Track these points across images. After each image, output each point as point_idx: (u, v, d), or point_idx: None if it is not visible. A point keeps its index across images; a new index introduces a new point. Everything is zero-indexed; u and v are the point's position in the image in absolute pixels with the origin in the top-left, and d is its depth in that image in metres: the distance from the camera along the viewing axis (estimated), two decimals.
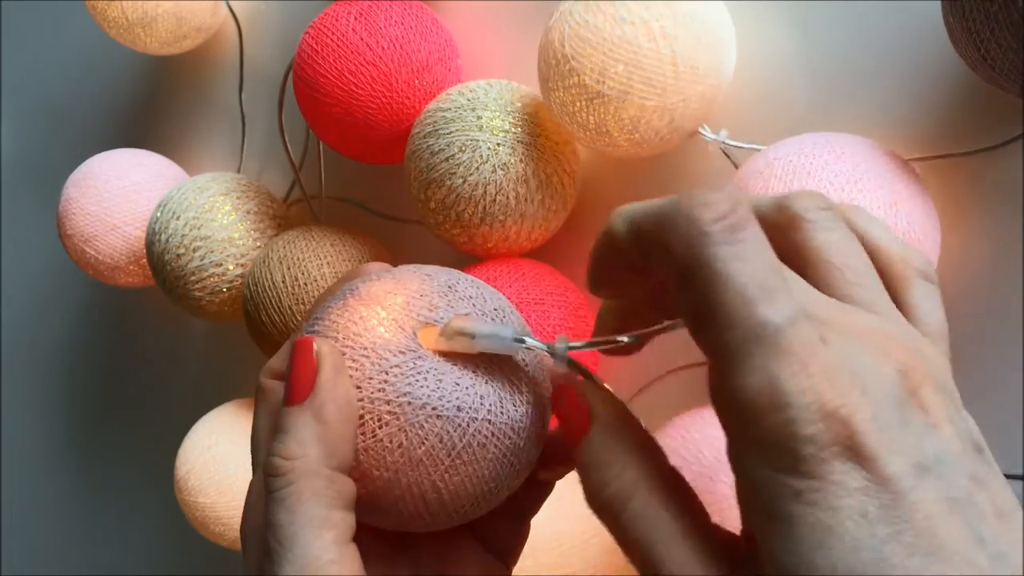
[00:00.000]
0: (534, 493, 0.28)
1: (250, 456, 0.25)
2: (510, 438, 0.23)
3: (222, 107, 0.66)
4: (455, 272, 0.26)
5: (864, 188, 0.35)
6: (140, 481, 0.75)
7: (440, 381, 0.23)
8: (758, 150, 0.42)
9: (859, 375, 0.18)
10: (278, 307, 0.50)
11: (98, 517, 0.80)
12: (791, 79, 0.44)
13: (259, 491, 0.23)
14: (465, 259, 0.50)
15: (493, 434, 0.23)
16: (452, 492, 0.23)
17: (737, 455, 0.19)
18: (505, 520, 0.27)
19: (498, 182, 0.43)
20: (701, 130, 0.42)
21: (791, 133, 0.41)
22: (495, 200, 0.44)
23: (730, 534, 0.21)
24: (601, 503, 0.21)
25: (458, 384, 0.23)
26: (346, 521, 0.22)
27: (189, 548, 0.71)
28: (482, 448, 0.23)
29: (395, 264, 0.27)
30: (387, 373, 0.23)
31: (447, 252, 0.50)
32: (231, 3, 0.63)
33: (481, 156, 0.43)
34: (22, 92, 0.81)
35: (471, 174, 0.43)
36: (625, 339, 0.23)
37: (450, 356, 0.23)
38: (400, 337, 0.23)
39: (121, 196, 0.61)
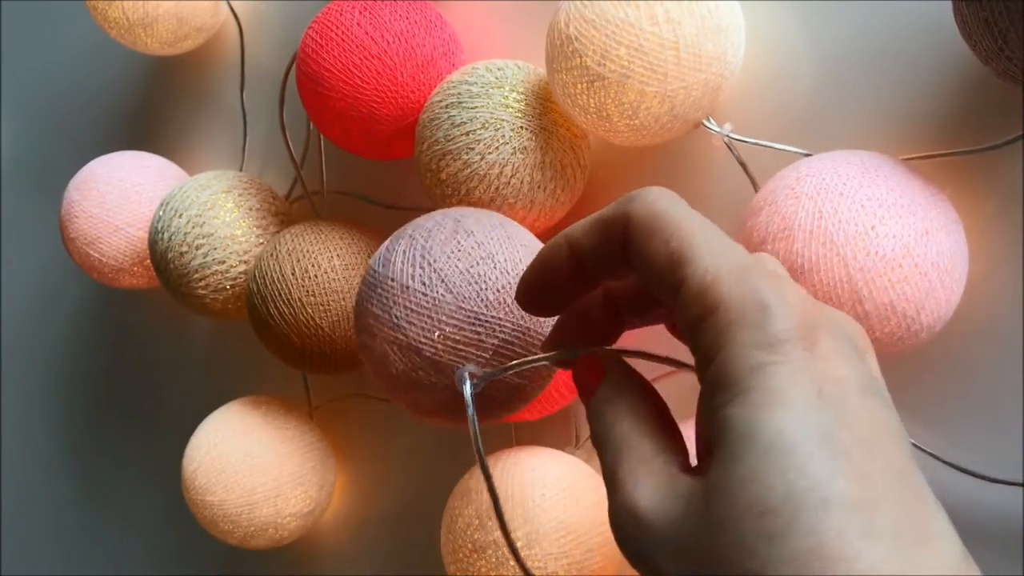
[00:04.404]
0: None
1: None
2: None
3: (223, 107, 0.66)
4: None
5: (896, 214, 0.36)
6: (145, 483, 0.75)
7: None
8: (763, 146, 0.42)
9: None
10: (287, 299, 0.50)
11: (102, 519, 0.79)
12: (799, 75, 0.43)
13: None
14: None
15: None
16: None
17: (714, 338, 0.21)
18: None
19: (515, 165, 0.43)
20: (705, 122, 0.42)
21: (799, 131, 0.41)
22: (509, 182, 0.43)
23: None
24: (597, 429, 0.25)
25: None
26: None
27: (194, 548, 0.70)
28: None
29: None
30: None
31: None
32: (232, 3, 0.63)
33: (503, 136, 0.43)
34: (22, 92, 0.81)
35: (490, 152, 0.43)
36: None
37: None
38: None
39: (123, 197, 0.61)
